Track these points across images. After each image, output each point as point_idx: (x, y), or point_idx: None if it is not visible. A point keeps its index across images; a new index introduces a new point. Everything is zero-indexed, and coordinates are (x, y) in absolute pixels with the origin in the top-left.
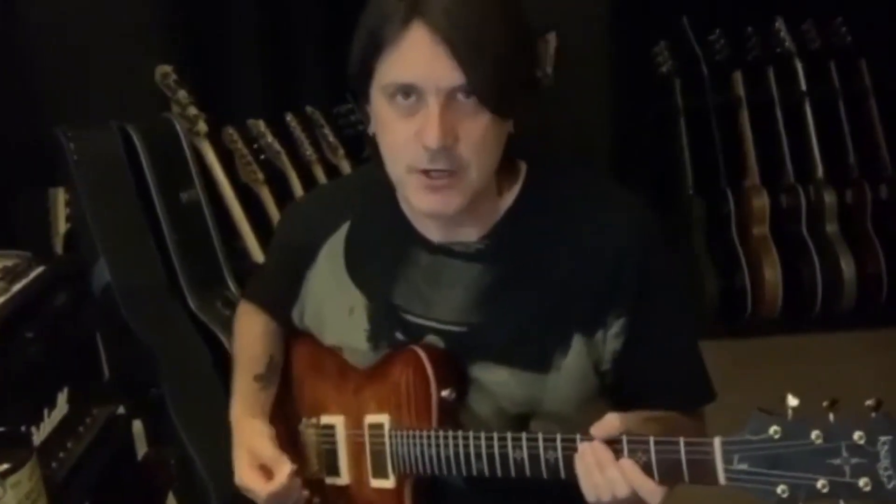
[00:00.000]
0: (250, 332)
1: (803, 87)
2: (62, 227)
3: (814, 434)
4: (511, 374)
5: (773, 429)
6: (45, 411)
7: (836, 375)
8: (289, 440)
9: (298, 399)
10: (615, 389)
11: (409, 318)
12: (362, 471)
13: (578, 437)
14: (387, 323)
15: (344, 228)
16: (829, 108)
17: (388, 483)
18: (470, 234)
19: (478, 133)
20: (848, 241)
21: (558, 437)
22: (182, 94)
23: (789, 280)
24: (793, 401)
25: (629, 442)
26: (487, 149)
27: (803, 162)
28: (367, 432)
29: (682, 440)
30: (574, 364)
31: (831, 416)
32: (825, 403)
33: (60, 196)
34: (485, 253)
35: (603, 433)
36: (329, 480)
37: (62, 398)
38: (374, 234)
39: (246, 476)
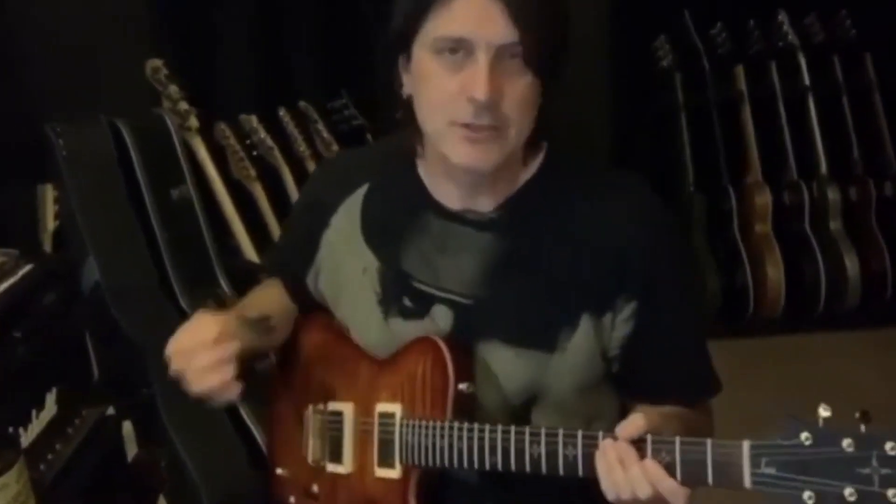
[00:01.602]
0: (256, 294)
1: (806, 81)
2: (51, 224)
3: (845, 442)
4: (516, 354)
5: (804, 434)
6: (34, 412)
7: (839, 375)
8: (295, 426)
9: (307, 385)
10: (620, 378)
11: (418, 285)
12: (367, 459)
13: (601, 434)
14: (396, 288)
15: (362, 190)
16: (832, 104)
17: (394, 473)
18: (486, 204)
19: (521, 92)
20: (852, 239)
21: (579, 433)
22: (173, 89)
23: (792, 278)
24: (825, 411)
25: (654, 442)
26: (528, 110)
27: (806, 158)
28: (376, 420)
29: (709, 441)
30: (580, 345)
31: (863, 427)
32: (857, 415)
33: (49, 193)
34: (497, 223)
35: (628, 433)
36: (330, 468)
37: (51, 399)
38: (389, 199)
39: (177, 338)
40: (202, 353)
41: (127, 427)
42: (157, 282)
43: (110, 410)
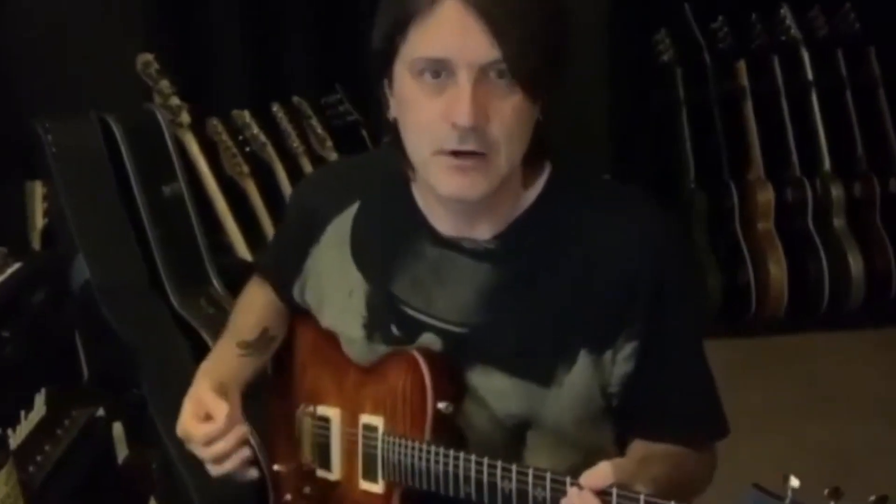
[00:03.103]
0: (249, 303)
1: (809, 76)
2: (40, 221)
3: None
4: (511, 383)
5: None
6: (22, 413)
7: (842, 376)
8: (290, 424)
9: (299, 384)
10: (619, 413)
11: (408, 310)
12: (353, 470)
13: (568, 480)
14: (384, 313)
15: (353, 209)
16: (836, 99)
17: (377, 488)
18: (483, 232)
19: (509, 114)
20: (856, 237)
21: (548, 475)
22: (164, 84)
23: (795, 277)
24: (794, 482)
25: (619, 495)
26: (518, 132)
27: (809, 154)
28: (360, 432)
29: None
30: (578, 381)
31: None
32: (826, 491)
33: (38, 189)
34: (494, 253)
35: (592, 483)
36: (320, 473)
37: (39, 400)
38: (382, 220)
39: (186, 423)
40: (212, 446)
41: (117, 428)
42: (148, 280)
43: (100, 411)
